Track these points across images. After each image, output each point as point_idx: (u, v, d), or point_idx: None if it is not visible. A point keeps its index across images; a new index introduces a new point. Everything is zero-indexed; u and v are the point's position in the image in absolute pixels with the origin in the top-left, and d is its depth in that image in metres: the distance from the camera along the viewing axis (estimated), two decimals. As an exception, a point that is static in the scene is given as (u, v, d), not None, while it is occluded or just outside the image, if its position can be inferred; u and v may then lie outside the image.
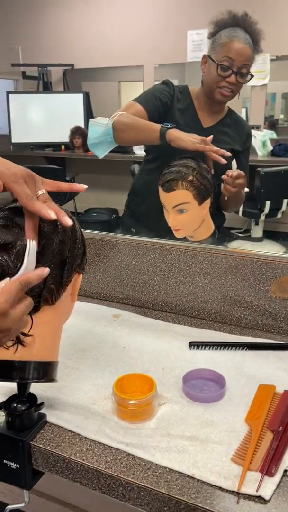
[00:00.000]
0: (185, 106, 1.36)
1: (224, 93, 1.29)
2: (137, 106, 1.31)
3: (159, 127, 1.19)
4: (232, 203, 1.38)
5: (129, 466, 0.67)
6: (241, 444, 0.71)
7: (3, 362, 0.69)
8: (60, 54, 5.30)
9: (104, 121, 1.29)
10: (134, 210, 1.48)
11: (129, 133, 1.27)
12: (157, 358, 0.95)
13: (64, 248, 0.71)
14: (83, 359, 0.95)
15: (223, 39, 1.26)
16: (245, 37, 1.25)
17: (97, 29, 5.10)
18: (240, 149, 1.40)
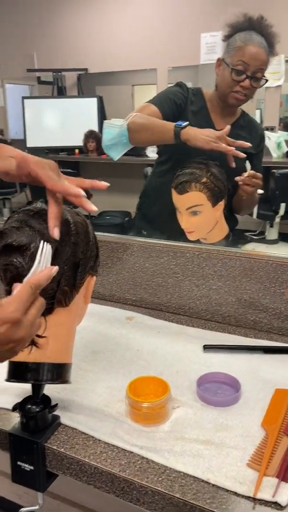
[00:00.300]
0: (198, 108, 1.35)
1: (238, 97, 1.28)
2: (151, 108, 1.31)
3: (173, 127, 1.18)
4: (246, 205, 1.37)
5: (143, 469, 0.67)
6: (257, 449, 0.69)
7: (18, 363, 0.69)
8: (74, 59, 5.35)
9: (119, 122, 1.29)
10: (145, 212, 1.48)
11: (144, 133, 1.27)
12: (171, 361, 0.94)
13: (77, 250, 0.71)
14: (97, 361, 0.94)
15: (238, 43, 1.25)
16: (260, 41, 1.24)
17: (110, 34, 5.14)
18: (253, 151, 1.38)
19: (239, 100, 1.29)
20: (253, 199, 1.31)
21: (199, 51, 4.63)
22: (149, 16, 4.90)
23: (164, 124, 1.23)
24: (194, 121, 1.33)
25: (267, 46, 1.25)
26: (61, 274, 0.69)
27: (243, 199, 1.26)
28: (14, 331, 0.55)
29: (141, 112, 1.30)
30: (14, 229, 0.69)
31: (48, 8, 5.45)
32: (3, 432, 0.75)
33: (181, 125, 1.17)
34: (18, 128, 5.44)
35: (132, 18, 4.99)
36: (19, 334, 0.56)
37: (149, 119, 1.26)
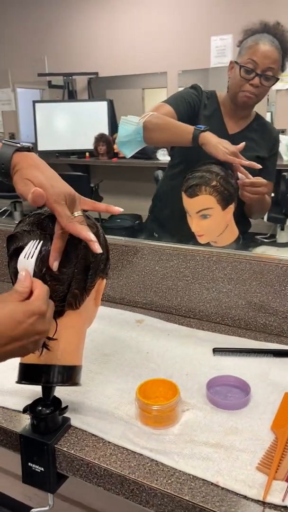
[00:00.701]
0: (212, 112, 1.35)
1: (247, 96, 1.27)
2: (167, 107, 1.30)
3: (192, 129, 1.18)
4: (256, 210, 1.36)
5: (152, 472, 0.67)
6: (267, 452, 0.69)
7: (29, 365, 0.70)
8: (85, 63, 5.38)
9: (136, 119, 1.28)
10: (157, 215, 1.49)
11: (161, 133, 1.26)
12: (181, 364, 0.95)
13: (88, 253, 0.72)
14: (107, 363, 0.95)
15: (249, 43, 1.25)
16: (272, 40, 1.23)
17: (120, 37, 5.16)
18: (266, 155, 1.38)
19: (248, 100, 1.28)
20: (262, 204, 1.30)
21: (209, 55, 4.63)
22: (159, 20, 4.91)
23: (182, 126, 1.22)
24: (207, 124, 1.33)
25: (281, 47, 1.25)
26: (71, 277, 0.70)
27: (250, 204, 1.25)
28: (41, 323, 0.60)
29: (157, 111, 1.29)
30: (25, 232, 0.70)
31: (58, 13, 5.50)
32: (14, 434, 0.76)
33: (201, 128, 1.17)
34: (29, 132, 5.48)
35: (142, 22, 5.01)
36: (44, 326, 0.61)
37: (165, 119, 1.26)
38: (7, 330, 0.57)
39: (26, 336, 0.59)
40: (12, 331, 0.57)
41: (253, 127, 1.38)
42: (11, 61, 5.86)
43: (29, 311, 0.59)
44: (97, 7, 5.23)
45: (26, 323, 0.58)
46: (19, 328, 0.58)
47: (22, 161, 0.68)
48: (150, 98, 5.29)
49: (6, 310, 0.59)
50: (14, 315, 0.58)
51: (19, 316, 0.58)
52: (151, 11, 4.94)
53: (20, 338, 0.58)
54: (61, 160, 5.02)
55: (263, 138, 1.38)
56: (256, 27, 1.27)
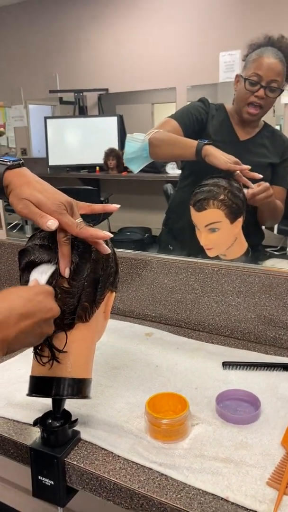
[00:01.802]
0: (221, 121, 1.38)
1: (251, 111, 1.28)
2: (172, 123, 1.34)
3: (196, 143, 1.21)
4: (268, 216, 1.37)
5: (162, 486, 0.67)
6: (277, 467, 0.69)
7: (39, 378, 0.71)
8: (95, 79, 5.48)
9: (141, 137, 1.32)
10: (171, 227, 1.50)
11: (165, 149, 1.30)
12: (190, 378, 0.95)
13: (98, 266, 0.73)
14: (116, 377, 0.95)
15: (253, 57, 1.28)
16: (275, 53, 1.26)
17: (129, 54, 5.25)
18: (278, 161, 1.39)
19: (252, 115, 1.30)
20: (273, 210, 1.31)
21: (217, 70, 4.68)
22: (167, 36, 5.00)
23: (186, 141, 1.26)
24: (216, 134, 1.35)
25: (285, 59, 1.27)
26: (81, 289, 0.70)
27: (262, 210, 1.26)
28: (50, 300, 0.63)
29: (163, 127, 1.33)
30: (37, 246, 0.71)
31: (69, 33, 5.63)
32: (24, 447, 0.76)
33: (204, 141, 1.20)
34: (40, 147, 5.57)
35: (150, 39, 5.10)
36: (53, 304, 0.64)
37: (170, 135, 1.29)
38: (16, 308, 0.58)
39: (37, 312, 0.60)
40: (21, 308, 0.59)
41: (264, 134, 1.39)
42: (23, 79, 5.99)
43: (36, 289, 0.63)
44: (106, 26, 5.35)
45: (35, 300, 0.61)
46: (28, 305, 0.60)
47: (15, 179, 0.68)
48: (159, 113, 5.35)
49: (15, 291, 0.62)
50: (23, 294, 0.61)
51: (27, 294, 0.61)
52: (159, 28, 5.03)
53: (31, 314, 0.59)
54: (72, 174, 5.08)
55: (273, 144, 1.39)
56: (261, 41, 1.29)
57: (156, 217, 1.59)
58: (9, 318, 0.57)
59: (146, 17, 5.10)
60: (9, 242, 1.47)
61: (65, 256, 0.68)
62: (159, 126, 1.35)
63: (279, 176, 1.39)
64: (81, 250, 0.71)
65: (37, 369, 0.72)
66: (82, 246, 0.71)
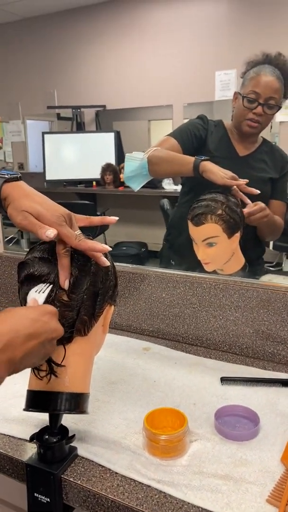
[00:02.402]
0: (220, 137, 1.40)
1: (251, 124, 1.31)
2: (171, 141, 1.35)
3: (193, 159, 1.22)
4: (267, 233, 1.38)
5: (160, 504, 0.66)
6: (277, 484, 0.68)
7: (36, 392, 0.70)
8: (92, 96, 5.55)
9: (140, 155, 1.34)
10: (172, 242, 1.51)
11: (164, 166, 1.31)
12: (188, 393, 0.94)
13: (97, 279, 0.73)
14: (114, 392, 0.94)
15: (251, 75, 1.30)
16: (272, 70, 1.28)
17: (127, 72, 5.34)
18: (277, 176, 1.41)
19: (252, 128, 1.32)
20: (272, 227, 1.32)
21: (213, 88, 4.77)
22: (165, 55, 5.09)
23: (183, 158, 1.27)
24: (216, 150, 1.37)
25: (282, 77, 1.29)
26: (80, 303, 0.70)
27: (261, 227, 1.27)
28: (54, 321, 0.64)
29: (162, 145, 1.35)
30: (36, 259, 0.71)
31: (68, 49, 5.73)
32: (20, 463, 0.75)
33: (201, 157, 1.21)
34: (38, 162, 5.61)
35: (148, 57, 5.19)
36: (58, 325, 0.65)
37: (168, 153, 1.31)
38: (23, 329, 0.58)
39: (43, 333, 0.61)
40: (28, 329, 0.59)
41: (263, 149, 1.41)
42: (21, 94, 6.06)
43: (42, 310, 0.63)
44: (105, 44, 5.45)
45: (41, 320, 0.61)
46: (34, 325, 0.60)
47: (13, 192, 0.68)
48: (156, 130, 5.41)
49: (21, 311, 0.62)
50: (29, 314, 0.61)
51: (33, 315, 0.61)
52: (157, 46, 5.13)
53: (37, 335, 0.60)
54: (69, 189, 5.11)
55: (273, 159, 1.41)
56: (258, 59, 1.32)
57: (152, 232, 1.61)
58: (15, 339, 0.57)
59: (144, 35, 5.20)
60: (6, 255, 1.47)
61: (65, 268, 0.68)
62: (158, 144, 1.37)
63: (278, 190, 1.41)
64: (80, 263, 0.71)
65: (34, 383, 0.71)
66: (81, 259, 0.71)
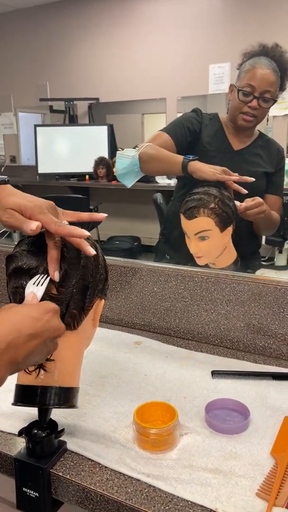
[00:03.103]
0: (215, 131, 1.39)
1: (246, 118, 1.30)
2: (164, 136, 1.35)
3: (181, 159, 1.21)
4: (264, 227, 1.37)
5: (150, 498, 0.66)
6: (267, 478, 0.68)
7: (25, 386, 0.69)
8: (86, 88, 5.51)
9: (131, 153, 1.33)
10: (168, 237, 1.50)
11: (154, 164, 1.30)
12: (179, 387, 0.93)
13: (87, 273, 0.72)
14: (104, 386, 0.94)
15: (247, 67, 1.29)
16: (268, 63, 1.27)
17: (121, 64, 5.30)
18: (273, 170, 1.40)
19: (247, 121, 1.31)
20: (269, 221, 1.32)
21: (207, 82, 4.76)
22: (158, 49, 5.06)
23: (173, 157, 1.26)
24: (210, 144, 1.36)
25: (278, 69, 1.28)
26: (70, 297, 0.69)
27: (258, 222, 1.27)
28: (56, 319, 0.63)
29: (154, 141, 1.34)
30: (24, 252, 0.70)
31: (61, 40, 5.67)
32: (9, 457, 0.74)
33: (189, 157, 1.20)
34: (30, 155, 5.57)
35: (142, 51, 5.16)
36: (60, 323, 0.64)
37: (159, 151, 1.29)
38: (26, 328, 0.58)
39: (45, 333, 0.60)
40: (30, 328, 0.58)
41: (258, 144, 1.40)
42: (13, 86, 6.00)
43: (44, 308, 0.62)
44: (98, 36, 5.40)
45: (43, 319, 0.60)
46: (37, 325, 0.59)
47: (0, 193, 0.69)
48: (150, 123, 5.39)
49: (23, 310, 0.61)
50: (31, 313, 0.60)
51: (36, 313, 0.60)
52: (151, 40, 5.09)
53: (39, 334, 0.59)
54: (61, 183, 5.08)
55: (268, 154, 1.41)
56: (255, 50, 1.31)
57: (145, 226, 1.60)
58: (18, 339, 0.56)
59: (138, 28, 5.16)
60: (-4, 249, 1.45)
61: (54, 260, 0.67)
62: (150, 140, 1.36)
63: (274, 185, 1.41)
64: (70, 256, 0.70)
65: (23, 378, 0.70)
66: (71, 252, 0.71)
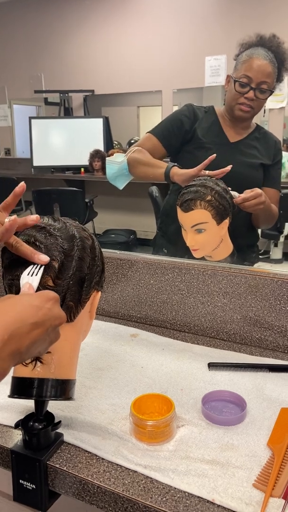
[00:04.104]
0: (210, 124, 1.38)
1: (243, 108, 1.29)
2: (152, 139, 1.38)
3: (164, 167, 1.24)
4: (262, 220, 1.37)
5: (147, 489, 0.66)
6: (263, 469, 0.68)
7: (21, 379, 0.69)
8: (81, 80, 5.46)
9: (119, 159, 1.38)
10: (165, 230, 1.50)
11: (141, 170, 1.35)
12: (175, 379, 0.94)
13: (83, 265, 0.71)
14: (101, 378, 0.94)
15: (244, 58, 1.28)
16: (265, 53, 1.26)
17: (116, 56, 5.25)
18: (269, 162, 1.39)
19: (244, 112, 1.30)
20: (267, 214, 1.31)
21: (203, 74, 4.73)
22: (154, 40, 5.02)
23: (156, 164, 1.30)
24: (206, 137, 1.36)
25: (275, 60, 1.27)
26: (66, 288, 0.69)
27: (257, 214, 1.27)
28: (57, 308, 0.62)
29: (143, 144, 1.38)
30: (20, 243, 0.70)
31: (55, 31, 5.60)
32: (5, 450, 0.74)
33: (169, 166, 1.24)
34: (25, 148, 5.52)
35: (137, 42, 5.11)
36: (61, 311, 0.63)
37: (145, 157, 1.33)
38: (28, 317, 0.57)
39: (47, 321, 0.59)
40: (33, 317, 0.58)
41: (255, 136, 1.40)
42: (8, 78, 5.94)
43: (45, 297, 0.61)
44: (93, 27, 5.34)
45: (45, 308, 0.60)
46: (38, 313, 0.59)
47: None
48: (145, 116, 5.36)
49: (24, 299, 0.61)
50: (33, 302, 0.60)
51: (37, 302, 0.60)
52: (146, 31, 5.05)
53: (41, 323, 0.59)
54: (56, 176, 5.05)
55: (265, 146, 1.40)
56: (252, 40, 1.30)
57: (141, 220, 1.60)
58: (21, 329, 0.55)
59: (134, 19, 5.11)
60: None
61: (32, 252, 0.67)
62: (139, 143, 1.40)
63: (271, 178, 1.40)
64: (66, 248, 0.70)
65: (19, 370, 0.70)
66: (67, 244, 0.70)
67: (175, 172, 1.21)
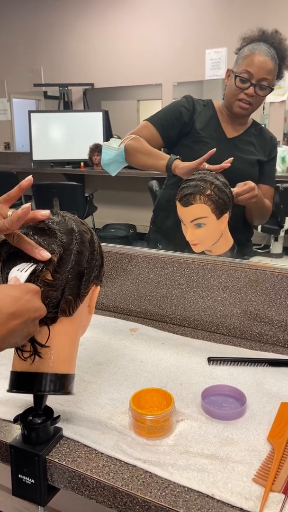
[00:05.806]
0: (208, 118, 1.37)
1: (242, 105, 1.29)
2: (150, 128, 1.36)
3: (167, 158, 1.22)
4: (256, 215, 1.36)
5: (146, 484, 0.65)
6: (263, 463, 0.68)
7: (20, 373, 0.69)
8: (80, 74, 5.43)
9: (116, 144, 1.34)
10: (160, 225, 1.48)
11: (139, 158, 1.32)
12: (175, 373, 0.93)
13: (82, 259, 0.71)
14: (100, 373, 0.93)
15: (245, 52, 1.27)
16: (267, 50, 1.25)
17: (116, 50, 5.22)
18: (265, 159, 1.39)
19: (243, 109, 1.29)
20: (261, 209, 1.31)
21: (203, 67, 4.70)
22: (154, 33, 4.98)
23: (157, 154, 1.28)
24: (203, 131, 1.35)
25: (277, 57, 1.26)
26: (65, 282, 0.68)
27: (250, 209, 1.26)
28: (37, 300, 0.62)
29: (140, 132, 1.35)
30: (19, 237, 0.69)
31: (55, 25, 5.56)
32: (4, 444, 0.74)
33: (172, 158, 1.22)
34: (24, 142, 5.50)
35: (137, 35, 5.07)
36: (40, 303, 0.63)
37: (143, 145, 1.31)
38: (5, 307, 0.57)
39: (25, 312, 0.59)
40: (10, 308, 0.57)
41: (252, 132, 1.39)
42: (7, 71, 5.90)
43: (24, 288, 0.61)
44: (93, 20, 5.30)
45: (23, 299, 0.60)
46: (17, 304, 0.58)
47: None
48: (145, 109, 5.33)
49: (2, 289, 0.60)
50: (11, 292, 0.59)
51: (15, 293, 0.60)
52: (146, 24, 5.01)
53: (20, 314, 0.58)
54: (56, 170, 5.03)
55: (261, 142, 1.40)
56: (254, 35, 1.28)
57: (141, 214, 1.59)
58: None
59: (133, 12, 5.07)
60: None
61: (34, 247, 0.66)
62: (136, 131, 1.37)
63: (266, 174, 1.39)
64: (65, 241, 0.69)
65: (18, 364, 0.69)
66: (66, 238, 0.69)
67: (177, 165, 1.20)
